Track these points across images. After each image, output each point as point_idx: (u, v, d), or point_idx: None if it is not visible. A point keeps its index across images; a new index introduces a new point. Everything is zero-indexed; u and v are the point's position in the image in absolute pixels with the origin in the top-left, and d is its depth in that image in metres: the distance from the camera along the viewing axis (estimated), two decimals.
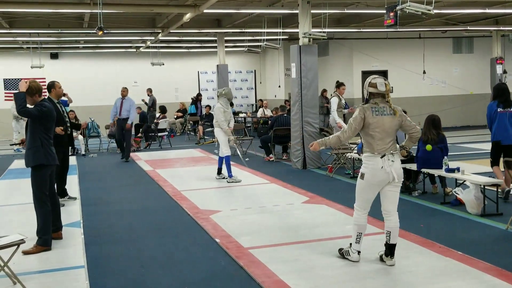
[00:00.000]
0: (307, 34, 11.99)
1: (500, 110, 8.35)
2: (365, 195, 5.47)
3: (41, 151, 6.24)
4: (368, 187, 5.40)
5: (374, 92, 5.35)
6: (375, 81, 5.37)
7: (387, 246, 5.53)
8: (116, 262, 6.01)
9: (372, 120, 5.28)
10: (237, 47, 23.04)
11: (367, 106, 5.34)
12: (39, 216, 6.27)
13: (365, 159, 5.39)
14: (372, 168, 5.31)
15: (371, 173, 5.32)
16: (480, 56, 21.29)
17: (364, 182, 5.39)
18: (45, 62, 20.69)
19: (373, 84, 5.35)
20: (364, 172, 5.37)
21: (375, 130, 5.28)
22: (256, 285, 5.13)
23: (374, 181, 5.34)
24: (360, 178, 5.43)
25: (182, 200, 9.06)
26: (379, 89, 5.33)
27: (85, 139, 16.80)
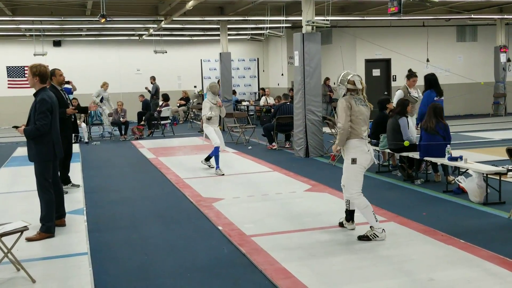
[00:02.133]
0: (310, 22, 11.94)
1: (436, 98, 9.24)
2: (360, 178, 6.01)
3: (51, 147, 6.24)
4: (361, 170, 5.98)
5: (353, 88, 5.99)
6: (353, 78, 5.97)
7: (348, 212, 6.36)
8: (119, 249, 6.03)
9: (356, 108, 5.94)
10: (240, 35, 22.96)
11: (350, 97, 5.99)
12: (43, 203, 6.30)
13: (353, 144, 5.94)
14: (361, 151, 5.92)
15: (361, 157, 5.92)
16: (484, 44, 21.17)
17: (358, 167, 5.94)
18: (48, 49, 20.65)
19: (352, 82, 5.97)
20: (355, 157, 5.91)
21: (358, 117, 5.92)
22: (259, 273, 5.15)
23: (364, 164, 5.97)
24: (353, 164, 5.92)
25: (185, 188, 9.08)
26: (356, 86, 5.97)
27: (88, 126, 16.82)
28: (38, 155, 6.23)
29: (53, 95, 6.47)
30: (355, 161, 5.90)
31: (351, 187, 6.00)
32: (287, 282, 4.85)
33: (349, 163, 5.95)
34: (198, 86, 24.83)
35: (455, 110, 20.43)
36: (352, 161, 5.91)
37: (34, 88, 6.36)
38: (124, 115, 16.81)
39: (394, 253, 5.57)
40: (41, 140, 6.19)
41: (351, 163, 5.93)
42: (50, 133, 6.24)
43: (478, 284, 4.71)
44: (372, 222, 5.92)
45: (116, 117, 16.85)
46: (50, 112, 6.19)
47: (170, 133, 17.77)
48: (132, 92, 22.19)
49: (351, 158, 5.92)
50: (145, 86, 20.84)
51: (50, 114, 6.18)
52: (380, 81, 20.61)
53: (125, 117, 16.83)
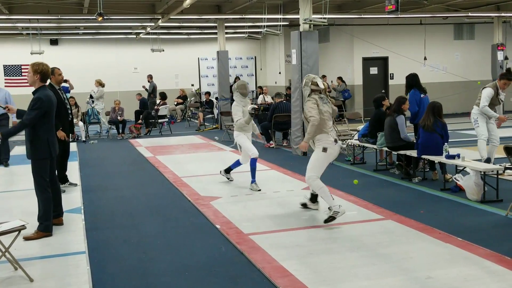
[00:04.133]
0: (308, 20, 11.93)
1: (422, 95, 9.53)
2: (323, 166, 6.68)
3: (46, 145, 6.22)
4: (327, 159, 6.66)
5: (316, 89, 6.71)
6: (316, 80, 6.71)
7: (312, 195, 7.15)
8: (117, 247, 6.03)
9: (322, 107, 6.60)
10: (237, 33, 22.94)
11: (316, 97, 6.65)
12: (40, 202, 6.29)
13: (322, 138, 6.58)
14: (330, 143, 6.57)
15: (331, 148, 6.58)
16: (481, 42, 21.19)
17: (326, 155, 6.61)
18: (45, 48, 20.59)
19: (315, 83, 6.70)
20: (326, 147, 6.57)
21: (324, 115, 6.58)
22: (257, 271, 5.16)
23: (334, 153, 6.69)
24: (323, 151, 6.57)
25: (183, 187, 9.07)
26: (319, 86, 6.69)
27: (86, 125, 16.80)
28: (34, 153, 6.22)
29: (52, 94, 6.44)
30: (326, 150, 6.55)
31: (312, 171, 6.61)
32: (285, 280, 4.86)
33: (320, 150, 6.58)
34: (196, 85, 24.82)
35: (453, 108, 20.45)
36: (323, 149, 6.56)
37: (33, 86, 6.34)
38: (122, 114, 16.80)
39: (392, 251, 5.57)
40: (35, 139, 6.18)
41: (321, 150, 6.57)
42: (44, 131, 6.21)
43: (476, 282, 4.72)
44: (329, 201, 6.52)
45: (114, 116, 16.83)
46: (44, 110, 6.16)
47: (167, 132, 17.76)
48: (129, 91, 22.17)
49: (322, 147, 6.56)
50: (142, 84, 20.81)
51: (42, 112, 6.14)
52: (378, 79, 20.62)
53: (123, 116, 16.82)
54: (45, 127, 6.22)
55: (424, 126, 8.54)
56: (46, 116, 6.21)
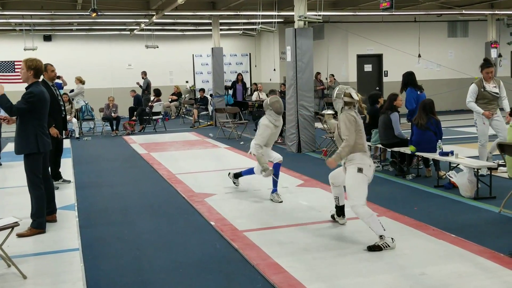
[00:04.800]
0: (303, 17, 11.93)
1: (418, 93, 9.62)
2: (365, 189, 5.71)
3: (34, 140, 6.16)
4: (366, 180, 5.70)
5: (350, 101, 5.78)
6: (349, 91, 5.81)
7: (338, 208, 6.42)
8: (110, 244, 6.02)
9: (359, 121, 5.79)
10: (232, 30, 22.91)
11: (354, 114, 5.79)
12: (33, 199, 6.27)
13: (357, 157, 5.70)
14: (365, 164, 5.70)
15: (366, 170, 5.69)
16: (475, 40, 21.25)
17: (363, 176, 5.68)
18: (38, 44, 20.50)
19: (348, 94, 5.78)
20: (361, 167, 5.67)
21: (361, 131, 5.77)
22: (251, 268, 5.16)
23: (369, 175, 5.73)
24: (359, 172, 5.66)
25: (177, 183, 9.06)
26: (353, 98, 5.77)
27: (79, 122, 16.75)
28: (21, 147, 6.20)
29: (44, 90, 6.41)
30: (362, 171, 5.66)
31: (355, 197, 5.65)
32: (279, 277, 4.86)
33: (355, 171, 5.67)
34: (190, 81, 24.78)
35: (446, 105, 20.50)
36: (359, 170, 5.66)
37: (26, 82, 6.30)
38: (116, 111, 16.75)
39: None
40: (24, 134, 6.15)
41: (357, 171, 5.66)
42: (34, 126, 6.17)
43: (469, 278, 4.73)
44: (379, 231, 5.54)
45: (108, 112, 16.78)
46: (33, 104, 6.12)
47: (161, 129, 17.73)
48: (123, 87, 22.12)
49: (357, 167, 5.66)
50: (137, 81, 20.75)
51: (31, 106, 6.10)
52: (372, 77, 20.65)
53: (117, 113, 16.78)
54: (34, 123, 6.18)
55: (417, 124, 8.56)
56: (36, 112, 6.17)
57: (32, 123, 6.17)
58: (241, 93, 21.11)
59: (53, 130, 8.32)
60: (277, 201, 7.61)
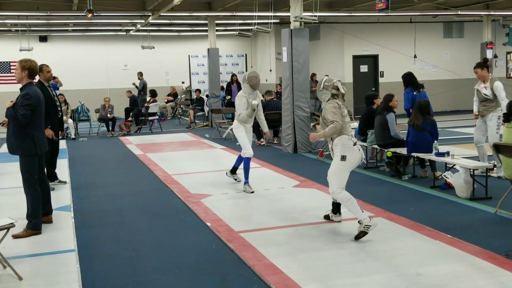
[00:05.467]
0: (299, 18, 11.93)
1: (415, 92, 9.68)
2: (344, 175, 6.02)
3: (32, 141, 6.14)
4: (348, 167, 6.02)
5: (337, 93, 6.08)
6: (337, 84, 6.09)
7: (334, 204, 6.48)
8: (106, 245, 6.00)
9: (342, 111, 6.04)
10: (228, 31, 22.89)
11: (338, 101, 6.06)
12: (29, 200, 6.25)
13: (342, 141, 5.96)
14: (350, 148, 5.96)
15: (351, 154, 5.97)
16: (471, 40, 21.29)
17: (346, 163, 5.98)
18: (34, 45, 20.46)
19: (335, 87, 6.07)
20: (345, 154, 5.94)
21: (346, 118, 6.04)
22: (247, 268, 5.15)
23: (354, 161, 6.01)
24: (342, 160, 5.95)
25: (173, 184, 9.05)
26: (340, 91, 6.08)
27: (75, 123, 16.72)
28: (18, 149, 6.15)
29: (39, 91, 6.38)
30: (345, 158, 5.92)
31: (333, 182, 6.01)
32: (275, 277, 4.86)
33: (339, 160, 5.96)
34: (186, 82, 24.76)
35: (442, 106, 20.53)
36: (342, 158, 5.93)
37: (21, 82, 6.28)
38: (111, 111, 16.72)
39: (382, 248, 5.59)
40: (21, 135, 6.11)
41: (340, 159, 5.94)
42: (31, 127, 6.13)
43: (465, 278, 4.74)
44: (358, 214, 5.85)
45: (103, 113, 16.76)
46: (33, 107, 6.09)
47: (157, 129, 17.71)
48: (119, 88, 22.08)
49: (341, 155, 5.93)
50: (133, 82, 20.72)
51: (32, 108, 6.07)
52: (368, 77, 20.66)
53: (112, 113, 16.75)
54: (32, 124, 6.14)
55: (413, 125, 8.58)
56: (33, 113, 6.14)
57: (30, 124, 6.13)
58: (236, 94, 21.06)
59: (48, 132, 8.24)
60: (249, 191, 8.18)
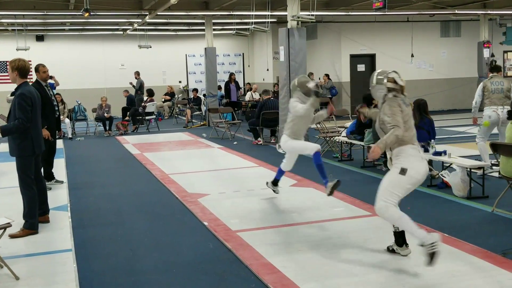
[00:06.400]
0: (296, 17, 11.93)
1: None
2: (398, 192, 4.92)
3: (30, 141, 6.11)
4: (407, 184, 4.89)
5: (394, 87, 5.03)
6: (392, 76, 5.07)
7: (397, 234, 5.24)
8: (103, 245, 5.99)
9: (406, 111, 4.96)
10: (225, 30, 22.88)
11: (399, 99, 5.00)
12: (25, 200, 6.23)
13: (406, 152, 4.89)
14: (416, 160, 4.88)
15: (415, 168, 4.86)
16: (468, 39, 21.32)
17: (405, 179, 4.86)
18: (30, 44, 20.43)
19: (391, 80, 5.04)
20: (407, 168, 4.84)
21: (408, 121, 4.95)
22: (244, 268, 5.15)
23: (417, 176, 4.90)
24: (400, 173, 4.86)
25: (170, 184, 9.04)
26: (398, 83, 5.04)
27: (72, 122, 16.69)
28: (16, 149, 6.13)
29: (34, 89, 6.35)
30: (405, 172, 4.84)
31: (381, 197, 4.92)
32: (272, 277, 4.85)
33: (397, 172, 4.89)
34: (183, 81, 24.74)
35: (439, 105, 20.56)
36: (401, 171, 4.86)
37: (15, 83, 6.28)
38: (109, 111, 16.70)
39: (379, 247, 5.58)
40: (19, 135, 6.08)
41: (398, 172, 4.88)
42: (29, 127, 6.10)
43: (462, 277, 4.75)
44: (415, 233, 4.82)
45: (101, 113, 16.73)
46: (30, 106, 6.07)
47: (155, 129, 17.69)
48: (116, 87, 22.06)
49: (400, 167, 4.87)
50: (130, 81, 20.70)
51: (30, 108, 6.06)
52: (365, 77, 20.64)
53: (110, 113, 16.73)
54: (31, 125, 6.10)
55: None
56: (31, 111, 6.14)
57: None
58: (235, 93, 21.06)
59: (45, 132, 8.20)
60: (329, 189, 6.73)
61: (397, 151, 4.91)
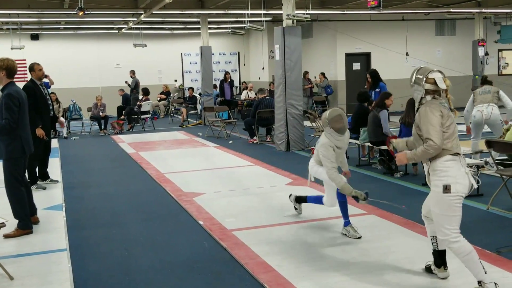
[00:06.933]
0: (291, 16, 11.93)
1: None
2: (458, 212, 4.31)
3: (19, 143, 6.02)
4: (458, 200, 4.26)
5: (434, 89, 4.39)
6: (433, 76, 4.38)
7: (436, 254, 4.69)
8: (98, 245, 5.98)
9: (447, 119, 4.31)
10: (220, 29, 22.87)
11: (433, 102, 4.37)
12: (15, 202, 6.11)
13: (445, 165, 4.25)
14: (457, 174, 4.24)
15: (458, 182, 4.22)
16: (463, 38, 21.37)
17: (453, 196, 4.22)
18: (25, 43, 20.35)
19: (432, 80, 4.38)
20: (449, 183, 4.20)
21: (450, 128, 4.30)
22: (240, 267, 5.15)
23: (463, 191, 4.25)
24: (445, 192, 4.21)
25: (166, 183, 9.03)
26: (439, 86, 4.37)
27: (67, 121, 16.65)
28: (6, 151, 6.02)
29: (20, 89, 6.22)
30: (449, 189, 4.19)
31: (445, 225, 4.28)
32: (268, 276, 4.86)
33: (440, 192, 4.22)
34: (179, 80, 24.71)
35: None
36: (445, 188, 4.20)
37: (1, 83, 6.17)
38: (104, 110, 16.66)
39: (375, 246, 5.60)
40: (8, 136, 5.98)
41: (442, 191, 4.21)
42: (18, 128, 6.00)
43: (457, 275, 4.75)
44: (479, 274, 4.27)
45: (96, 112, 16.69)
46: (18, 106, 5.97)
47: (150, 128, 17.67)
48: (111, 86, 21.99)
49: (442, 185, 4.21)
50: (125, 80, 20.66)
51: (17, 109, 5.96)
52: (361, 75, 20.66)
53: (105, 112, 16.69)
54: (19, 126, 5.99)
55: (405, 123, 8.59)
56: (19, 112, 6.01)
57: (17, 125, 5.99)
58: (229, 91, 21.04)
59: (39, 131, 8.14)
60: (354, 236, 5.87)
61: (436, 165, 4.28)
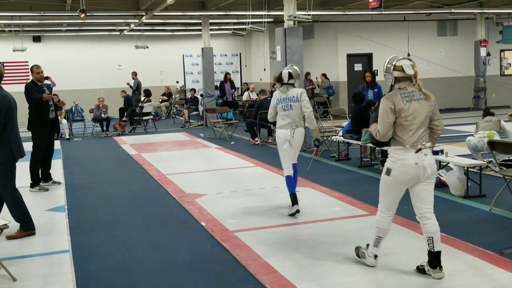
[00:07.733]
0: (292, 17, 11.93)
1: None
2: (390, 195, 4.77)
3: (7, 148, 5.91)
4: (395, 185, 4.68)
5: (402, 76, 4.58)
6: (400, 63, 4.58)
7: (431, 255, 4.71)
8: (101, 246, 5.99)
9: (404, 106, 4.50)
10: (222, 30, 22.88)
11: (393, 93, 4.57)
12: (14, 206, 6.08)
13: (393, 153, 4.63)
14: (402, 164, 4.56)
15: (400, 170, 4.57)
16: (464, 38, 21.36)
17: (391, 179, 4.65)
18: (27, 45, 20.39)
19: (399, 67, 4.58)
20: (391, 168, 4.62)
21: (407, 119, 4.51)
22: (242, 268, 5.15)
23: (403, 178, 4.61)
24: (386, 174, 4.67)
25: (168, 184, 9.04)
26: (406, 72, 4.55)
27: (69, 123, 16.67)
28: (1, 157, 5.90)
29: (8, 94, 6.06)
30: (389, 173, 4.63)
31: (380, 199, 4.88)
32: (270, 277, 4.86)
33: (384, 173, 4.73)
34: (180, 82, 24.73)
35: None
36: (387, 171, 4.66)
37: None
38: (106, 111, 16.68)
39: None
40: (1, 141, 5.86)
41: (384, 172, 4.70)
42: (6, 132, 5.88)
43: (459, 276, 4.75)
44: (371, 242, 4.93)
45: (98, 113, 16.72)
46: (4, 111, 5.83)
47: (152, 129, 17.68)
48: (113, 88, 22.02)
49: (386, 168, 4.68)
50: (127, 81, 20.69)
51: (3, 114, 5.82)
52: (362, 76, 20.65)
53: (107, 113, 16.71)
54: (7, 128, 5.88)
55: None
56: (6, 117, 5.86)
57: (5, 129, 5.87)
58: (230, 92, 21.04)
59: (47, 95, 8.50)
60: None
61: (391, 149, 4.67)
